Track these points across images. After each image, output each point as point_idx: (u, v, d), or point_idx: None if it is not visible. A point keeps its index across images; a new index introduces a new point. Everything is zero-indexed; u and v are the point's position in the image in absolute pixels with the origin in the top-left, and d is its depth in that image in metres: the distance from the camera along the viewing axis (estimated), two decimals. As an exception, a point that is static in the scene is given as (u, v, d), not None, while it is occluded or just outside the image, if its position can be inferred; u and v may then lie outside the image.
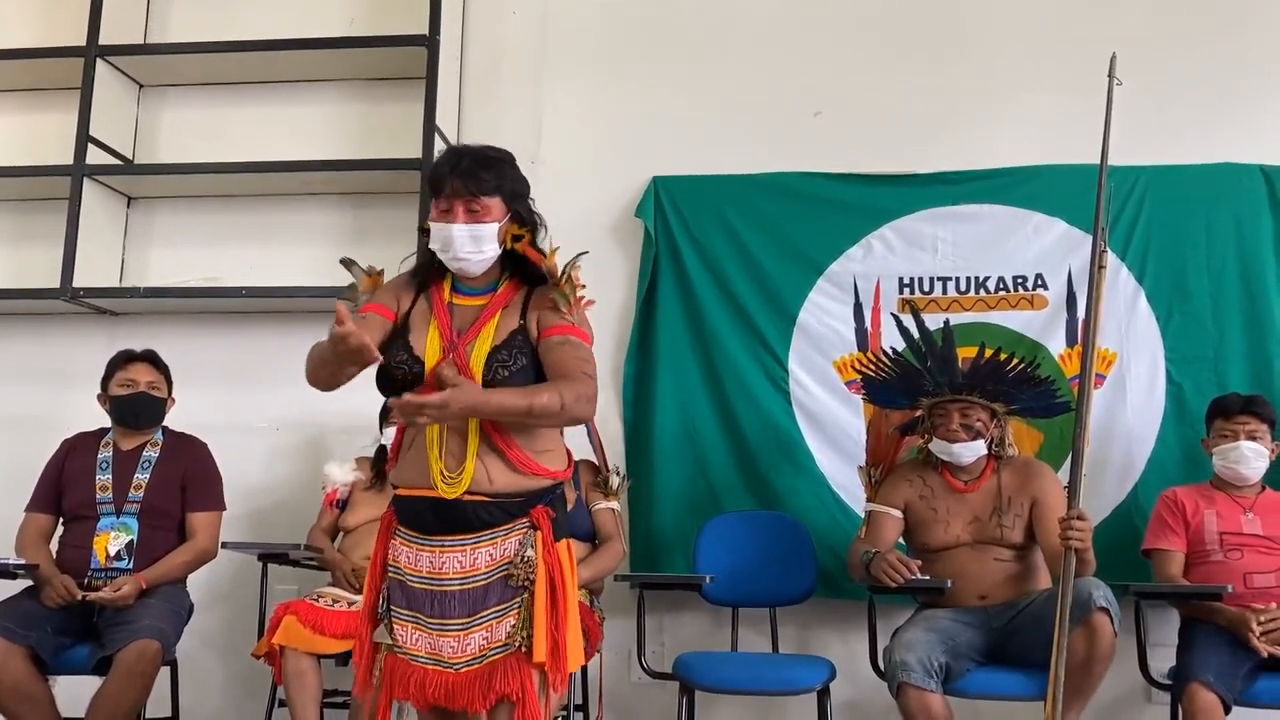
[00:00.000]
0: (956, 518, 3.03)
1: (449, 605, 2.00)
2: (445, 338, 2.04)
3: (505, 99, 3.98)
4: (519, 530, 2.01)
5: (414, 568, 2.03)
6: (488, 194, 2.02)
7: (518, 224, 2.06)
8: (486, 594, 1.99)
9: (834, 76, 3.82)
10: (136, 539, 3.15)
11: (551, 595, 1.97)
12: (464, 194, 2.01)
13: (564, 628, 1.97)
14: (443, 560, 2.00)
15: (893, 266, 3.63)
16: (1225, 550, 3.01)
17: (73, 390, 3.69)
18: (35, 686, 2.89)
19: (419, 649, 2.02)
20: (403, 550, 2.05)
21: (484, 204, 2.02)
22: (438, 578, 2.01)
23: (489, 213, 2.02)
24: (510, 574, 1.98)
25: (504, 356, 2.00)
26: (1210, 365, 3.45)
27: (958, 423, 3.02)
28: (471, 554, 2.00)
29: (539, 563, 1.98)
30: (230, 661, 3.70)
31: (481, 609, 1.99)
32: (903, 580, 2.84)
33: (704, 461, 3.62)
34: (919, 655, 2.74)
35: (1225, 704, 2.68)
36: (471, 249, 2.03)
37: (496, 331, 2.03)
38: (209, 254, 3.94)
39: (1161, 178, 3.55)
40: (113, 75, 3.97)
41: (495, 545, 2.00)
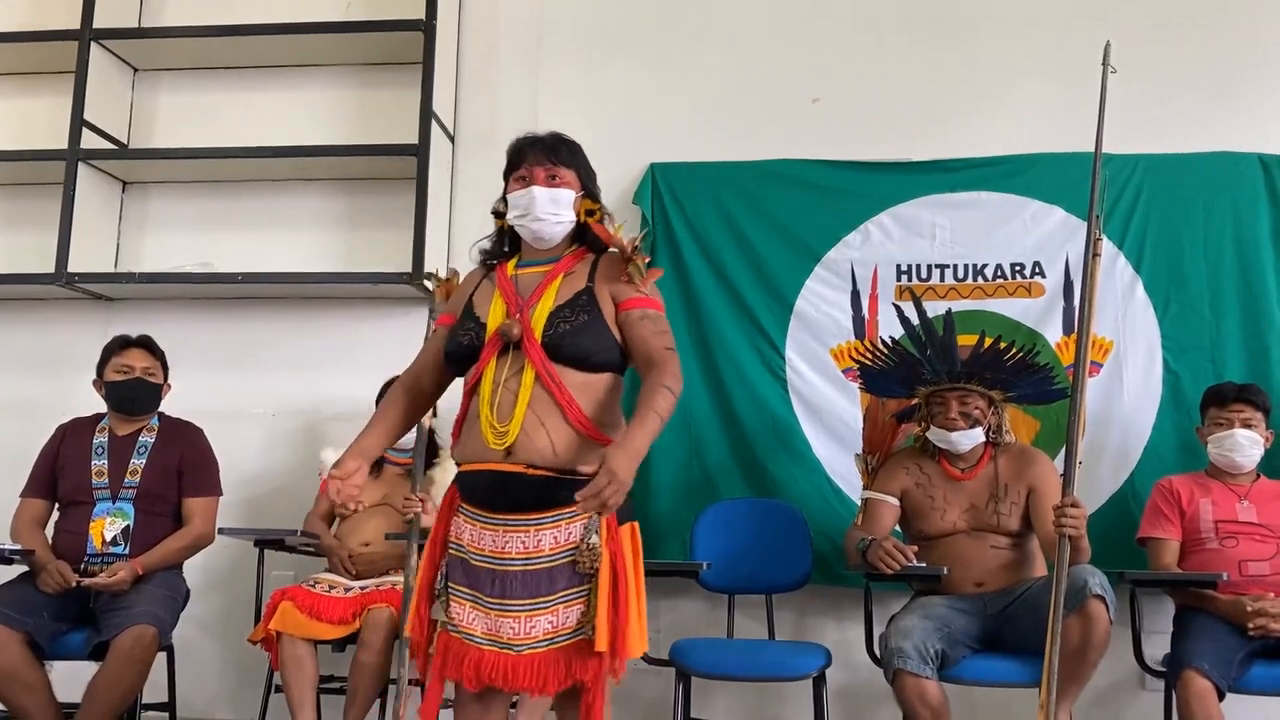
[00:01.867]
0: (953, 505, 3.04)
1: (510, 585, 2.00)
2: (510, 303, 2.09)
3: (502, 85, 3.97)
4: (584, 515, 1.99)
5: (477, 546, 2.03)
6: (565, 164, 2.14)
7: (591, 200, 2.17)
8: (553, 577, 1.99)
9: (832, 64, 3.81)
10: (133, 524, 3.14)
11: (614, 582, 1.97)
12: (544, 162, 2.13)
13: (625, 615, 1.96)
14: (506, 540, 2.01)
15: (890, 253, 3.63)
16: (1220, 538, 3.01)
17: (68, 376, 3.68)
18: (31, 672, 2.88)
19: (475, 629, 2.01)
20: (466, 527, 2.06)
21: (561, 173, 2.13)
22: (500, 557, 2.01)
23: (567, 181, 2.14)
24: (576, 560, 1.99)
25: (566, 313, 2.05)
26: (1207, 354, 3.45)
27: (956, 411, 3.02)
28: (535, 535, 2.00)
29: (603, 549, 1.98)
30: (227, 647, 3.70)
31: (548, 593, 1.99)
32: (899, 567, 2.85)
33: (701, 449, 3.63)
34: (915, 642, 2.75)
35: (1219, 691, 2.70)
36: (551, 209, 2.11)
37: (559, 294, 2.08)
38: (204, 239, 3.93)
39: (1159, 166, 3.55)
40: (107, 59, 3.95)
41: (559, 529, 2.00)
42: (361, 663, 2.98)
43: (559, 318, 2.04)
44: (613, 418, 2.08)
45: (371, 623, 3.00)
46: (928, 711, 2.75)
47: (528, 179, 2.12)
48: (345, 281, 3.73)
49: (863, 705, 3.48)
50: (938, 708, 2.76)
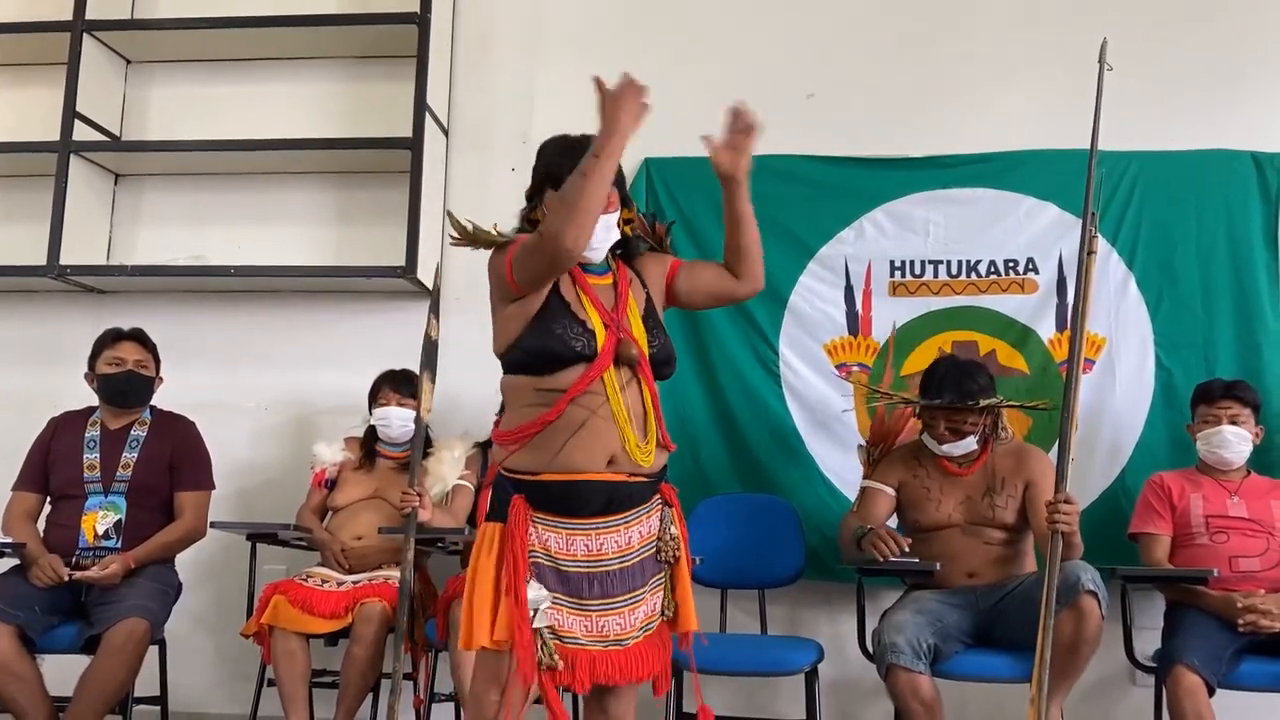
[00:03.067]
0: (949, 497, 3.05)
1: (610, 584, 2.06)
2: (604, 315, 2.11)
3: (497, 78, 3.96)
4: (656, 507, 2.13)
5: (568, 553, 2.04)
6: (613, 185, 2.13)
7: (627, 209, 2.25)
8: (644, 569, 2.09)
9: (826, 59, 3.81)
10: (125, 518, 3.14)
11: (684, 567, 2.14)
12: None
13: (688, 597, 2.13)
14: (600, 542, 2.06)
15: (884, 249, 3.63)
16: (1211, 534, 3.03)
17: (60, 368, 3.67)
18: (23, 665, 2.88)
19: (575, 631, 2.03)
20: (549, 535, 2.04)
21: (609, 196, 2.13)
22: (597, 559, 2.05)
23: (612, 204, 2.15)
24: (659, 549, 2.11)
25: (650, 324, 2.16)
26: (1199, 351, 3.46)
27: (944, 428, 3.05)
28: (625, 533, 2.08)
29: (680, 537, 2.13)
30: (219, 641, 3.69)
31: (641, 584, 2.08)
32: (892, 553, 2.86)
33: (694, 444, 3.62)
34: (908, 637, 2.76)
35: (1209, 686, 2.71)
36: (604, 237, 2.15)
37: (638, 302, 2.18)
38: (197, 232, 3.92)
39: (1152, 163, 3.56)
40: (100, 51, 3.93)
41: (642, 522, 2.10)
42: (354, 656, 2.98)
43: (646, 329, 2.14)
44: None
45: (364, 617, 2.99)
46: (920, 706, 2.76)
47: None
48: (338, 275, 3.73)
49: (855, 700, 3.49)
50: (930, 703, 2.77)
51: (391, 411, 3.36)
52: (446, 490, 3.24)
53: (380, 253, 3.72)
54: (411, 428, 3.32)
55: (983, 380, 3.08)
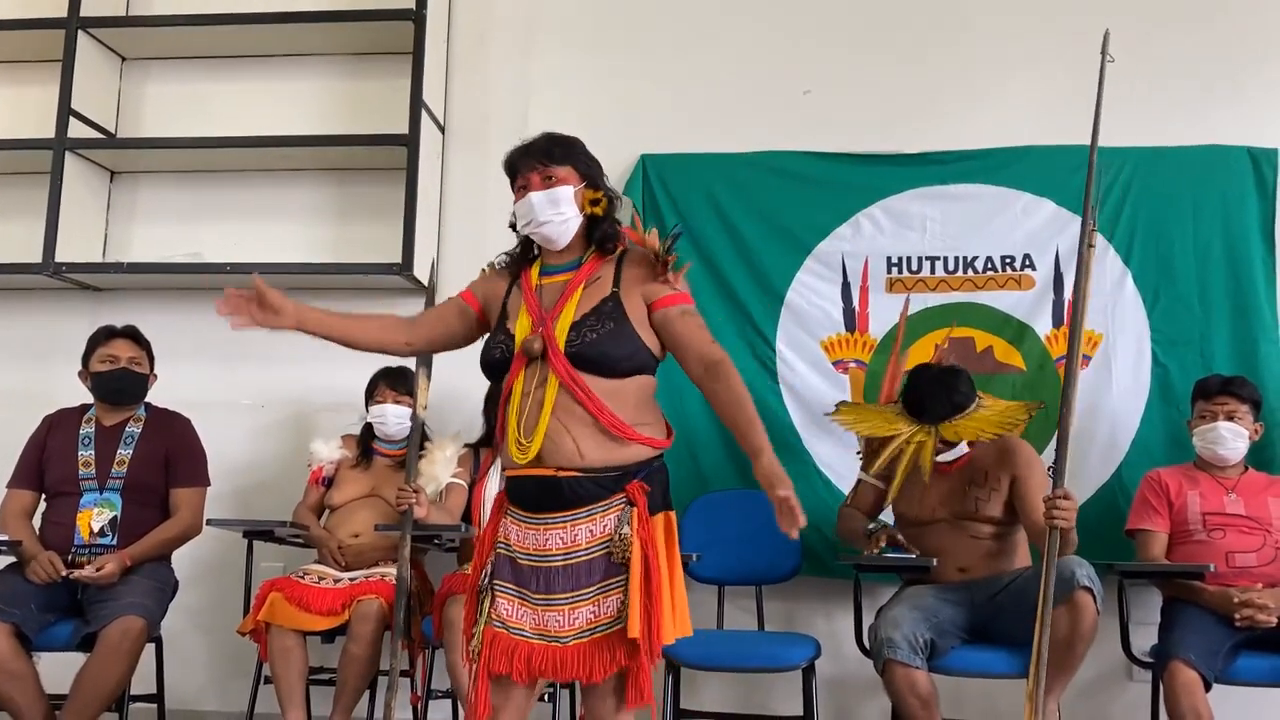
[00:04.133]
0: (933, 490, 3.06)
1: (554, 580, 2.04)
2: (534, 315, 2.09)
3: (493, 75, 3.95)
4: (616, 507, 2.05)
5: (522, 545, 2.07)
6: (559, 163, 2.13)
7: (593, 190, 2.14)
8: (591, 569, 2.03)
9: (823, 55, 3.81)
10: (120, 515, 3.14)
11: (646, 571, 2.00)
12: (536, 165, 2.13)
13: (659, 602, 1.99)
14: (546, 537, 2.05)
15: (881, 246, 3.63)
16: (1208, 530, 3.03)
17: (55, 366, 3.66)
18: (19, 663, 2.88)
19: (524, 624, 2.04)
20: (513, 528, 2.09)
21: (556, 172, 2.12)
22: (543, 553, 2.05)
23: (563, 179, 2.12)
24: (610, 551, 2.03)
25: (592, 321, 2.06)
26: (1196, 347, 3.46)
27: (936, 442, 3.06)
28: (571, 530, 2.04)
29: (634, 539, 2.01)
30: (215, 638, 3.69)
31: (587, 584, 2.03)
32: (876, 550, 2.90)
33: (691, 440, 3.61)
34: (904, 632, 2.77)
35: (1206, 681, 2.71)
36: (551, 212, 2.11)
37: (584, 301, 2.09)
38: (193, 229, 3.91)
39: (1149, 159, 3.55)
40: (95, 48, 3.92)
41: (594, 522, 2.04)
42: (351, 654, 2.98)
43: (585, 326, 2.05)
44: (649, 415, 2.11)
45: (361, 614, 2.99)
46: (917, 701, 2.76)
47: (526, 186, 2.13)
48: (335, 272, 3.72)
49: (852, 696, 3.49)
50: (927, 697, 2.78)
51: (388, 409, 3.36)
52: (440, 489, 3.24)
53: (376, 250, 3.71)
54: (408, 425, 3.32)
55: (963, 387, 3.10)
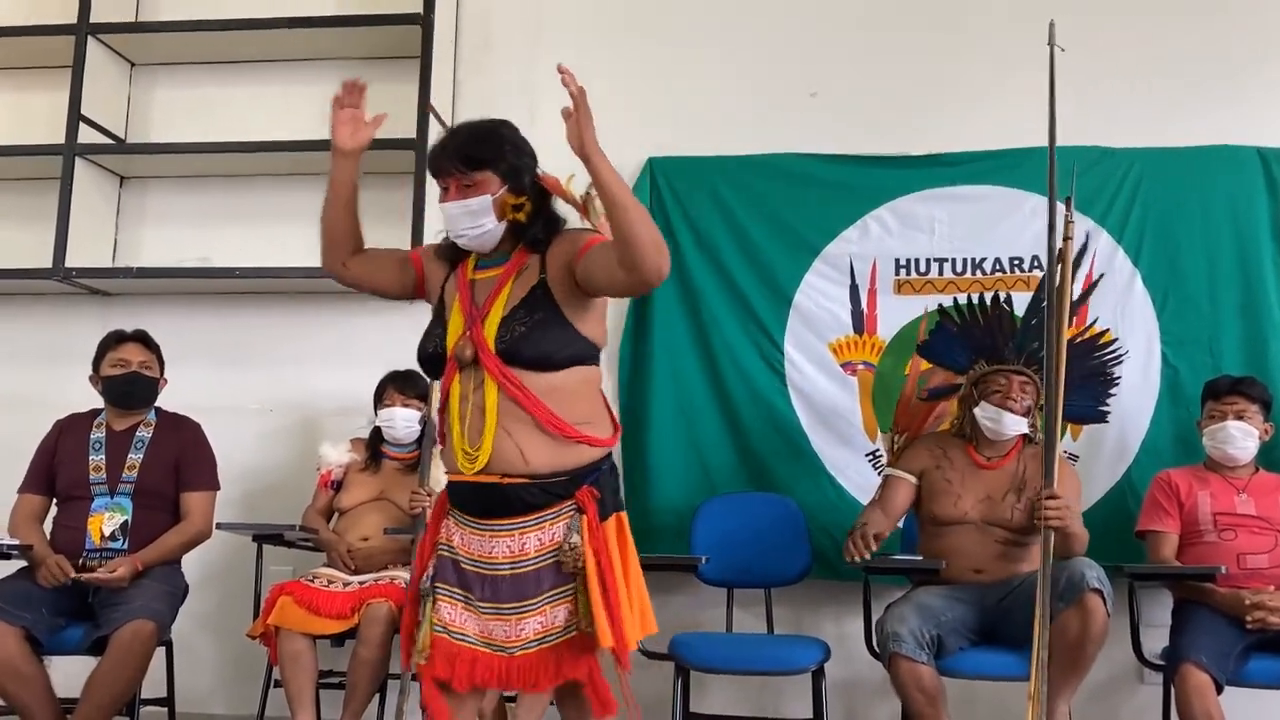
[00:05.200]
0: (969, 493, 3.03)
1: (499, 589, 1.99)
2: (466, 313, 2.05)
3: (499, 79, 3.96)
4: (566, 514, 1.99)
5: (467, 550, 2.03)
6: (478, 169, 2.03)
7: (515, 194, 2.05)
8: (539, 578, 1.99)
9: (830, 57, 3.80)
10: (131, 519, 3.14)
11: (602, 579, 1.95)
12: (455, 172, 2.04)
13: (617, 608, 1.95)
14: (493, 545, 2.00)
15: (889, 248, 3.62)
16: (1219, 531, 3.01)
17: (65, 370, 3.67)
18: (30, 667, 2.88)
19: (467, 629, 2.01)
20: (456, 530, 2.05)
21: (476, 179, 2.03)
22: (489, 561, 2.00)
23: (482, 187, 2.03)
24: (560, 560, 1.98)
25: (521, 314, 2.00)
26: (1205, 347, 3.45)
27: (1016, 392, 3.02)
28: (520, 539, 1.99)
29: (585, 548, 1.96)
30: (225, 642, 3.70)
31: (534, 594, 1.98)
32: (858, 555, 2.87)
33: (699, 443, 3.62)
34: (910, 627, 2.77)
35: (1218, 684, 2.70)
36: (467, 224, 2.04)
37: (516, 292, 2.03)
38: (201, 234, 3.92)
39: (1158, 160, 3.54)
40: (104, 54, 3.94)
41: (543, 530, 1.99)
42: (360, 658, 2.98)
43: (514, 320, 1.99)
44: (592, 412, 2.05)
45: (370, 617, 2.99)
46: (922, 697, 2.75)
47: (446, 192, 2.06)
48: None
49: (862, 699, 3.49)
50: (932, 693, 2.76)
51: (396, 412, 3.36)
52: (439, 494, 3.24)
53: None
54: (417, 428, 3.32)
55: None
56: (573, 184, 2.08)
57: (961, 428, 3.15)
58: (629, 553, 2.04)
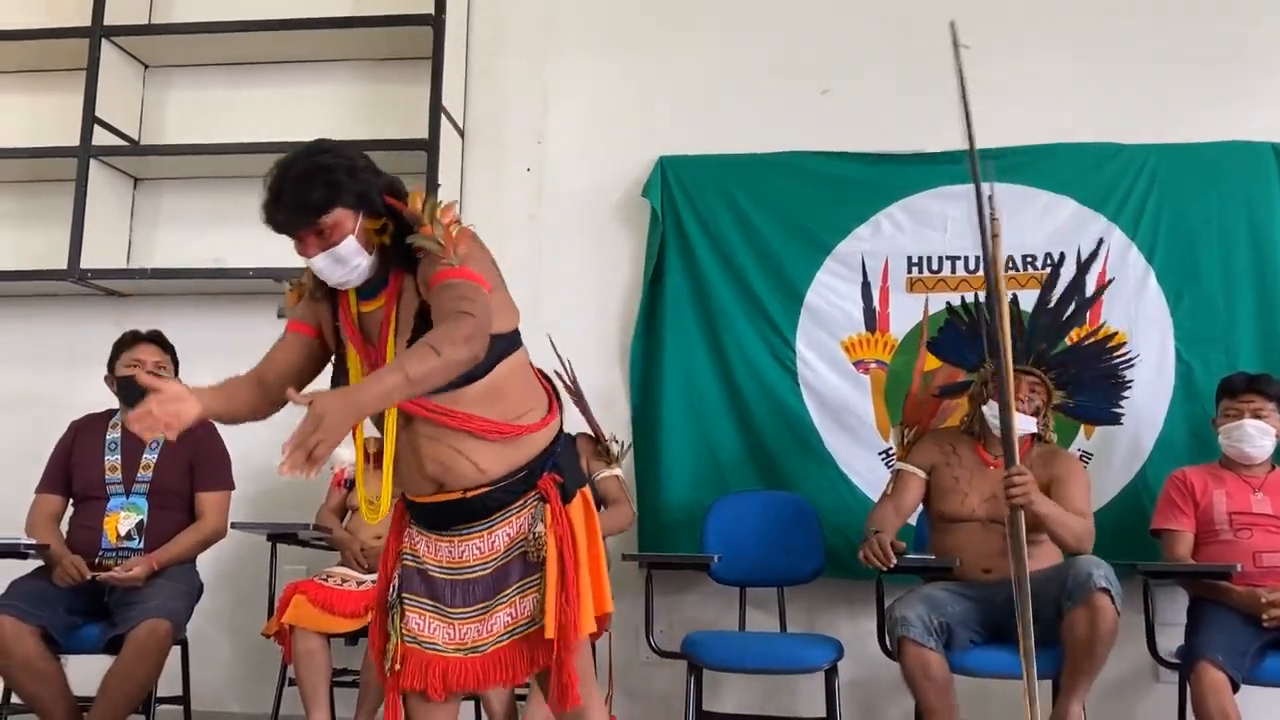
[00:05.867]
0: (976, 491, 3.03)
1: (471, 592, 1.97)
2: (363, 356, 1.96)
3: (511, 79, 3.97)
4: (530, 505, 1.96)
5: (434, 558, 2.00)
6: (325, 212, 1.86)
7: (373, 217, 1.91)
8: (508, 572, 1.96)
9: (841, 54, 3.80)
10: (146, 519, 3.16)
11: (562, 568, 1.92)
12: (302, 227, 1.88)
13: (575, 597, 1.91)
14: (462, 549, 1.97)
15: (901, 245, 3.61)
16: (1234, 529, 3.00)
17: (80, 371, 3.70)
18: (48, 665, 2.90)
19: (436, 638, 1.98)
20: (420, 539, 2.01)
21: (327, 223, 1.87)
22: (459, 566, 1.98)
23: (339, 228, 1.88)
24: (525, 551, 1.95)
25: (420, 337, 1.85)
26: (1220, 345, 3.43)
27: (1025, 393, 3.02)
28: (489, 538, 1.97)
29: (549, 535, 1.93)
30: (240, 641, 3.71)
31: (504, 588, 1.96)
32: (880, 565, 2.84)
33: (711, 442, 3.62)
34: (919, 613, 2.78)
35: (1234, 682, 2.69)
36: (341, 272, 1.91)
37: (405, 323, 1.92)
38: (215, 235, 3.94)
39: (1172, 156, 3.53)
40: (118, 56, 3.96)
41: (510, 524, 1.96)
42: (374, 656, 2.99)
43: None
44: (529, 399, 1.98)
45: (384, 616, 3.00)
46: (931, 686, 2.74)
47: (302, 244, 1.90)
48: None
49: (875, 698, 3.48)
50: (942, 683, 2.75)
51: (409, 412, 3.37)
52: None
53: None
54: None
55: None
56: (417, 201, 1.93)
57: (971, 425, 3.14)
58: (594, 529, 2.00)
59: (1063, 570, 2.76)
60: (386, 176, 1.96)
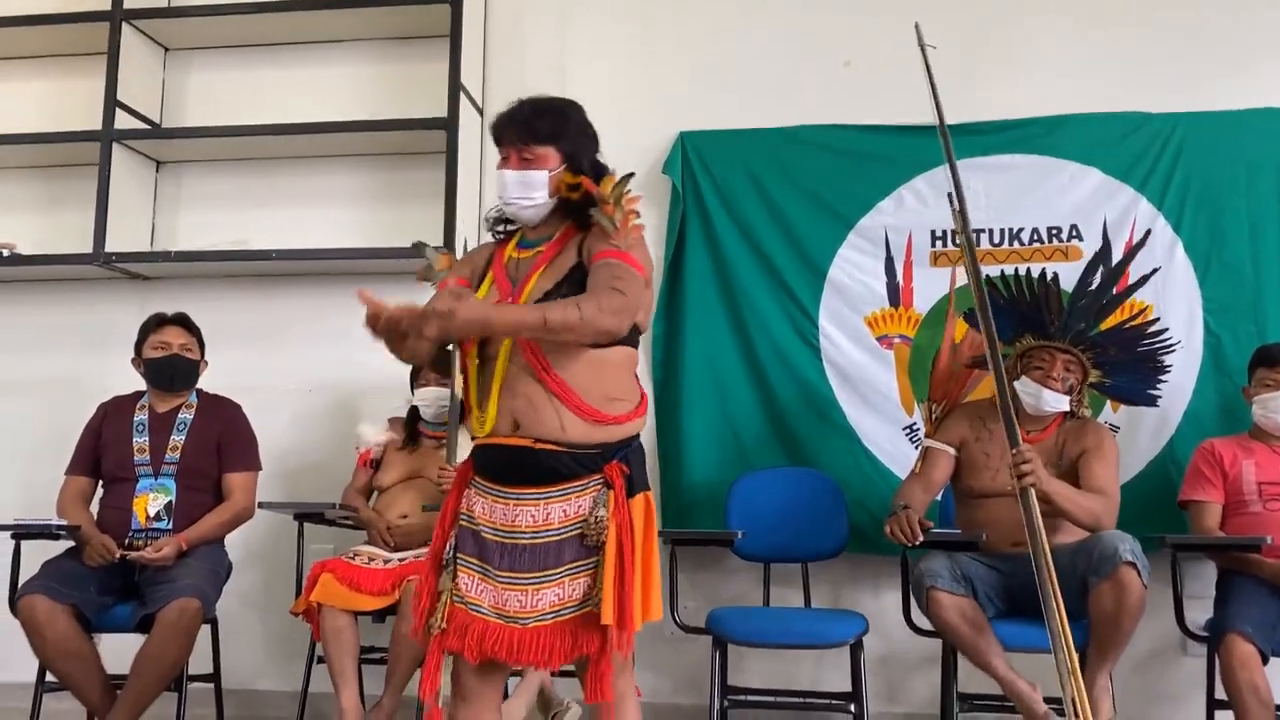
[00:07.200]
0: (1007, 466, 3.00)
1: (519, 559, 1.99)
2: (503, 290, 2.05)
3: (530, 56, 3.95)
4: (593, 488, 1.99)
5: (488, 519, 2.03)
6: (541, 142, 2.05)
7: (573, 174, 2.06)
8: (561, 550, 1.98)
9: (862, 27, 3.75)
10: (175, 500, 3.19)
11: (620, 556, 1.95)
12: (517, 141, 2.06)
13: (630, 588, 1.94)
14: (516, 513, 2.00)
15: (924, 219, 3.58)
16: (1264, 501, 2.97)
17: (107, 354, 3.73)
18: (81, 644, 2.95)
19: (482, 600, 2.01)
20: (478, 500, 2.05)
21: (537, 152, 2.05)
22: (510, 530, 2.00)
23: (541, 160, 2.05)
24: (584, 533, 1.97)
25: (563, 292, 1.99)
26: (1249, 314, 3.39)
27: (1059, 370, 2.99)
28: (544, 509, 1.99)
29: (610, 522, 1.96)
30: (269, 619, 3.75)
31: (555, 565, 1.98)
32: (907, 542, 2.84)
33: (734, 418, 3.62)
34: (944, 564, 2.79)
35: (1263, 655, 2.67)
36: (520, 193, 2.06)
37: (554, 272, 2.03)
38: (238, 217, 3.96)
39: (1199, 124, 3.47)
40: (139, 39, 3.97)
41: (569, 502, 1.99)
42: (402, 633, 3.01)
43: (553, 298, 1.98)
44: (625, 390, 2.05)
45: (411, 593, 3.01)
46: (969, 628, 2.74)
47: (505, 160, 2.08)
48: (378, 257, 3.74)
49: (901, 673, 3.48)
50: (979, 623, 2.76)
51: (432, 391, 3.38)
52: None
53: (418, 233, 3.69)
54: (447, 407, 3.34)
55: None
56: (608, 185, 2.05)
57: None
58: (652, 533, 2.03)
59: (1089, 544, 2.75)
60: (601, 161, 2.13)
